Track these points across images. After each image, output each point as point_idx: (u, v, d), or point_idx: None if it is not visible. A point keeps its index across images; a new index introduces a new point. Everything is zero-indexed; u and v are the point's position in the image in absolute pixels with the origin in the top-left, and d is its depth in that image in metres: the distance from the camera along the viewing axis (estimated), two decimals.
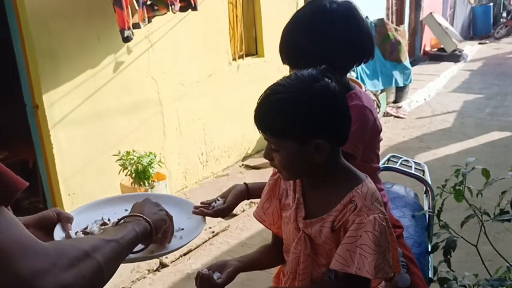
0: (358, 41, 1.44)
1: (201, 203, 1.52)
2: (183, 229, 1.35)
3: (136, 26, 3.29)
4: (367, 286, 1.18)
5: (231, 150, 5.06)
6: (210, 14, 4.49)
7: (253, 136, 5.23)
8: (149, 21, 3.45)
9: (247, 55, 5.20)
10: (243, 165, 5.11)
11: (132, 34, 3.27)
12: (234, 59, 4.98)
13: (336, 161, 1.21)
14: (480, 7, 15.08)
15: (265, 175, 4.68)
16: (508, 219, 1.75)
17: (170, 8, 3.47)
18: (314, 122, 1.12)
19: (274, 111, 1.13)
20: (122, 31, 3.18)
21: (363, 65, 4.16)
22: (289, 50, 1.48)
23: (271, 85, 1.18)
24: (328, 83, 1.13)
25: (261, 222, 1.39)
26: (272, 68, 5.28)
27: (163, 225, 1.19)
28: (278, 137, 1.15)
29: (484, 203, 1.91)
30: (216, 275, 1.25)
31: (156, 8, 3.45)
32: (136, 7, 3.22)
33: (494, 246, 1.98)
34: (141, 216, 1.11)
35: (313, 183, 1.25)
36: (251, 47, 5.33)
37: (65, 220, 1.23)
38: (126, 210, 1.35)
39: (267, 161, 1.24)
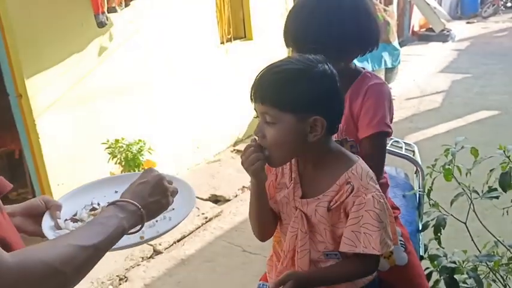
0: (366, 26, 1.43)
1: None
2: (173, 209, 1.26)
3: (112, 10, 3.25)
4: (376, 261, 1.23)
5: (222, 135, 5.04)
6: None
7: (244, 121, 5.22)
8: (126, 5, 3.39)
9: (235, 38, 5.15)
10: (234, 150, 5.10)
11: (107, 19, 3.21)
12: (222, 43, 4.94)
13: (328, 142, 1.24)
14: None
15: None
16: (496, 196, 1.77)
17: None
18: (316, 99, 1.15)
19: (281, 81, 1.15)
20: (95, 16, 3.13)
21: None
22: (296, 34, 1.46)
23: (274, 62, 1.20)
24: (330, 67, 1.19)
25: None
26: (261, 51, 5.25)
27: (159, 214, 1.11)
28: (279, 107, 1.15)
29: (473, 181, 1.93)
30: None
31: None
32: None
33: (483, 222, 2.01)
34: (138, 207, 1.02)
35: (307, 164, 1.27)
36: (239, 30, 5.28)
37: (53, 208, 1.20)
38: (117, 192, 1.29)
39: None
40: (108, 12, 3.25)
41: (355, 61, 1.59)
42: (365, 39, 1.47)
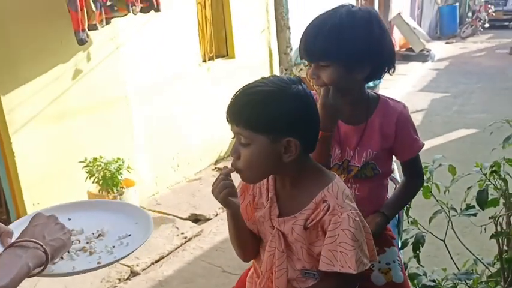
0: (378, 48, 1.43)
1: None
2: (130, 235, 1.31)
3: (93, 27, 3.22)
4: (355, 279, 1.23)
5: (203, 153, 5.01)
6: (178, 15, 4.44)
7: (225, 138, 5.19)
8: (107, 23, 3.37)
9: (217, 56, 5.16)
10: (215, 168, 5.07)
11: (87, 36, 3.19)
12: (204, 61, 4.94)
13: (305, 161, 1.24)
14: (446, 7, 15.42)
15: (238, 178, 4.67)
16: (473, 213, 1.78)
17: (131, 9, 3.41)
18: (289, 120, 1.15)
19: (253, 102, 1.16)
20: (76, 33, 3.10)
21: None
22: (311, 50, 1.46)
23: (248, 84, 1.21)
24: (305, 88, 1.19)
25: None
26: (243, 69, 5.27)
27: (63, 252, 1.14)
28: (252, 129, 1.16)
29: (452, 199, 1.94)
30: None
31: (115, 8, 3.38)
32: (94, 8, 3.15)
33: (463, 239, 2.02)
34: (41, 245, 1.05)
35: (284, 182, 1.27)
36: (221, 49, 5.29)
37: (4, 235, 1.17)
38: (70, 219, 1.34)
39: None
40: (88, 30, 3.23)
41: None
42: (376, 63, 1.46)
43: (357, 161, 1.54)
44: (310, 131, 1.21)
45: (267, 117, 1.14)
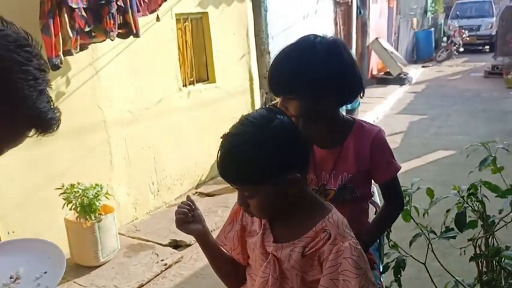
0: (341, 77, 1.44)
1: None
2: (46, 272, 1.28)
3: (67, 53, 3.19)
4: None
5: (184, 177, 4.96)
6: (158, 40, 4.45)
7: (206, 162, 5.16)
8: (82, 49, 3.35)
9: (198, 81, 5.16)
10: (196, 192, 5.02)
11: (61, 62, 3.15)
12: (185, 85, 4.94)
13: (305, 189, 1.26)
14: (422, 32, 15.83)
15: (220, 202, 4.66)
16: (452, 236, 1.79)
17: (109, 35, 3.41)
18: (281, 160, 1.15)
19: (238, 164, 1.14)
20: (49, 59, 3.07)
21: None
22: (276, 85, 1.49)
23: (227, 136, 1.17)
24: (282, 119, 1.17)
25: (222, 246, 1.39)
26: (224, 94, 5.28)
27: None
28: (250, 184, 1.17)
29: (431, 221, 1.95)
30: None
31: (93, 34, 3.37)
32: (70, 34, 3.13)
33: (444, 261, 2.02)
34: None
35: (280, 210, 1.26)
36: (202, 73, 5.31)
37: None
38: (49, 258, 1.32)
39: (221, 187, 1.28)
40: (63, 56, 3.20)
41: None
42: (339, 89, 1.47)
43: (333, 185, 1.55)
44: (303, 157, 1.21)
45: (258, 171, 1.13)
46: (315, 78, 1.40)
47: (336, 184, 1.55)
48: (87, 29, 3.26)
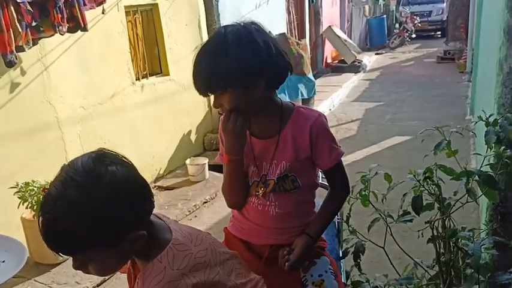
0: (260, 61, 1.37)
1: None
2: (3, 261, 1.32)
3: (20, 49, 3.08)
4: None
5: (142, 172, 4.70)
6: (108, 34, 4.32)
7: (164, 156, 5.08)
8: (34, 44, 3.23)
9: (151, 74, 5.06)
10: (155, 186, 4.93)
11: (16, 58, 3.05)
12: (138, 79, 4.83)
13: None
14: (375, 19, 16.06)
15: (179, 195, 4.60)
16: (409, 219, 1.82)
17: (57, 29, 3.29)
18: (117, 227, 1.03)
19: (64, 235, 1.00)
20: (3, 56, 2.95)
21: None
22: (200, 86, 1.43)
23: (49, 196, 1.03)
24: (113, 172, 1.05)
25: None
26: (178, 86, 5.20)
27: None
28: (84, 254, 1.05)
29: (389, 205, 1.98)
30: None
31: (41, 29, 3.26)
32: (20, 29, 3.01)
33: (403, 244, 2.05)
34: None
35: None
36: (155, 66, 5.20)
37: None
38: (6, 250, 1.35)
39: (180, 180, 1.25)
40: (16, 51, 3.07)
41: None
42: (266, 69, 1.40)
43: (273, 174, 1.51)
44: (144, 209, 1.13)
45: (91, 241, 1.01)
46: (234, 68, 1.34)
47: (275, 174, 1.51)
48: (34, 24, 3.13)
